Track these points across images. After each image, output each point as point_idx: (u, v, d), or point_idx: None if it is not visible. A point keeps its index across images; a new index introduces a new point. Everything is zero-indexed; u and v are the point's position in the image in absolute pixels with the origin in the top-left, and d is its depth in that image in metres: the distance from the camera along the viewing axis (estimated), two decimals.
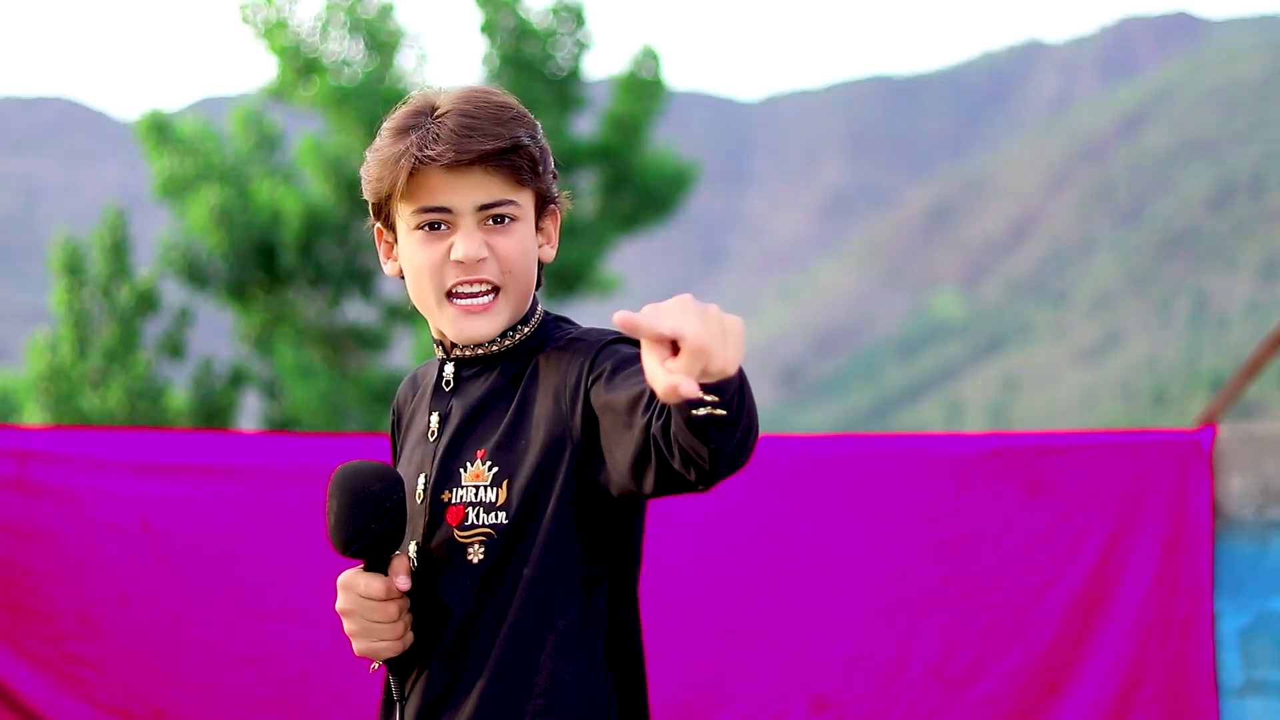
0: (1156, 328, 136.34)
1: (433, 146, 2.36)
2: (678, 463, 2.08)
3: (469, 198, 2.39)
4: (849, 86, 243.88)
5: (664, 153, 21.70)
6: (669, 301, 1.95)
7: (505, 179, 2.39)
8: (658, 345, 1.93)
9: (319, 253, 21.03)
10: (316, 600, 4.05)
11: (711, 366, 1.92)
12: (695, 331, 1.90)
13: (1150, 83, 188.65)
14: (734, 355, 1.94)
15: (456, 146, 2.35)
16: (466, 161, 2.36)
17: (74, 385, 20.76)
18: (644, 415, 2.14)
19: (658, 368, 1.92)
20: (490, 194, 2.39)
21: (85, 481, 4.07)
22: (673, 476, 2.12)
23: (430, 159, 2.36)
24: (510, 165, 2.39)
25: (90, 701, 4.01)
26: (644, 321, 1.91)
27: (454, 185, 2.38)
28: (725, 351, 1.93)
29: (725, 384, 1.98)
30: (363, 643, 2.39)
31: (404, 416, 2.61)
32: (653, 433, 2.11)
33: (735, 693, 4.02)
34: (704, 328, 1.91)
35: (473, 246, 2.38)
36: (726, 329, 1.94)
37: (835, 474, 4.08)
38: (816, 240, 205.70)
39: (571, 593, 2.34)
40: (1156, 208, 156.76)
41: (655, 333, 1.91)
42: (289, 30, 21.04)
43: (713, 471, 2.05)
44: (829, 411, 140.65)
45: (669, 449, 2.08)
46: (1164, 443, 4.05)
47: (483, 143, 2.36)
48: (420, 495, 2.43)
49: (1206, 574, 3.96)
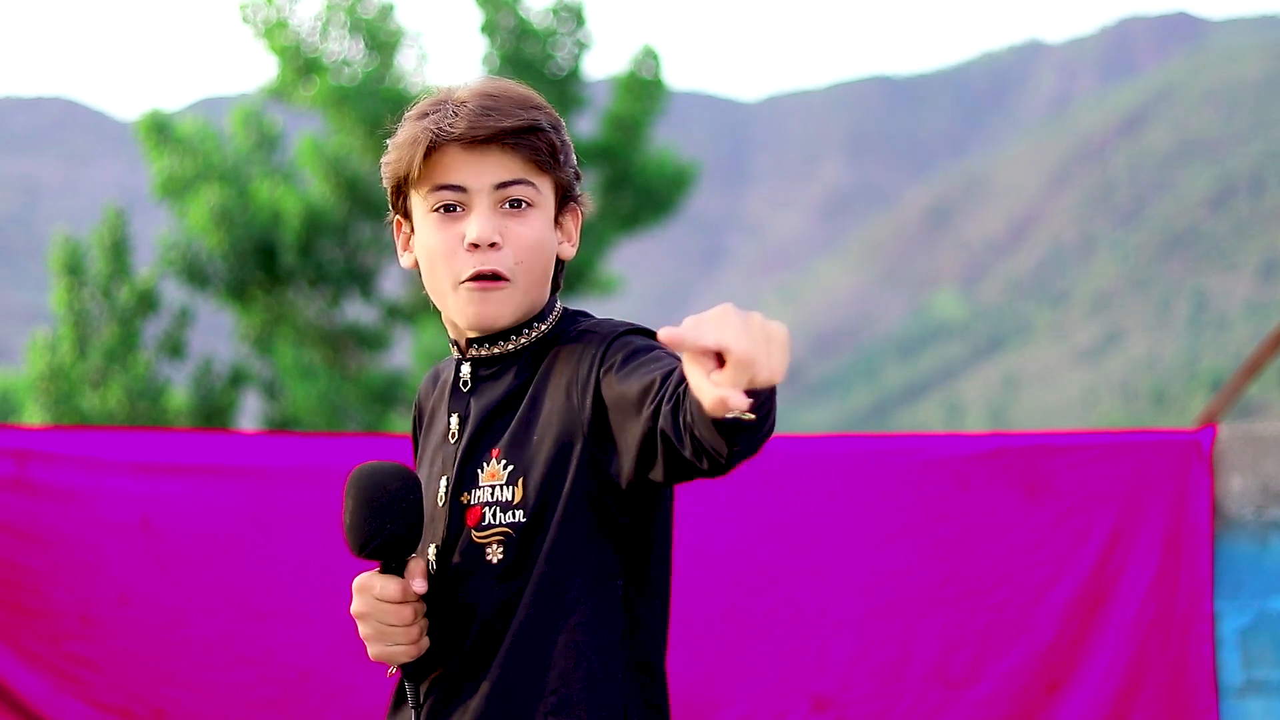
0: (1156, 328, 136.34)
1: (450, 123, 2.33)
2: (689, 452, 2.05)
3: (485, 176, 2.34)
4: (849, 86, 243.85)
5: (664, 153, 21.68)
6: (711, 312, 1.91)
7: (523, 160, 2.35)
8: (702, 358, 1.89)
9: (319, 253, 21.02)
10: (316, 600, 4.06)
11: (759, 378, 1.88)
12: (741, 343, 1.86)
13: (1150, 83, 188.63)
14: (779, 364, 1.90)
15: (474, 123, 2.32)
16: (484, 138, 2.32)
17: (74, 385, 20.74)
18: (651, 404, 2.11)
19: (704, 381, 1.88)
20: (508, 172, 2.35)
21: (85, 481, 4.07)
22: (683, 465, 2.09)
23: (447, 133, 2.32)
24: (529, 146, 2.34)
25: (90, 701, 4.01)
26: (688, 336, 1.88)
27: (470, 164, 2.34)
28: (770, 361, 1.89)
29: (763, 391, 1.95)
30: (378, 646, 2.34)
31: (425, 414, 2.56)
32: (660, 424, 2.09)
33: (735, 692, 4.02)
34: (748, 338, 1.87)
35: (487, 228, 2.33)
36: (771, 338, 1.89)
37: (835, 474, 4.08)
38: (816, 240, 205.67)
39: (586, 589, 2.29)
40: (1156, 208, 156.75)
41: (700, 346, 1.88)
42: (289, 30, 21.03)
43: (729, 465, 2.03)
44: (829, 411, 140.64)
45: (679, 439, 2.05)
46: (1164, 443, 4.05)
47: (501, 120, 2.32)
48: (442, 498, 2.39)
49: (1206, 574, 3.96)
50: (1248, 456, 4.02)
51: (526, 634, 2.29)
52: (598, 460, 2.27)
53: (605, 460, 2.26)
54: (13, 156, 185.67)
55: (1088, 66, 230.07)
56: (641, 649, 2.34)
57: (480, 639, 2.32)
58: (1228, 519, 4.01)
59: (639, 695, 2.33)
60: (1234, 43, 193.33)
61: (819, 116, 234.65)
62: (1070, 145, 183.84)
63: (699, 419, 2.00)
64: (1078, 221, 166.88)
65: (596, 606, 2.30)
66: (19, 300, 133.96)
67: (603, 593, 2.30)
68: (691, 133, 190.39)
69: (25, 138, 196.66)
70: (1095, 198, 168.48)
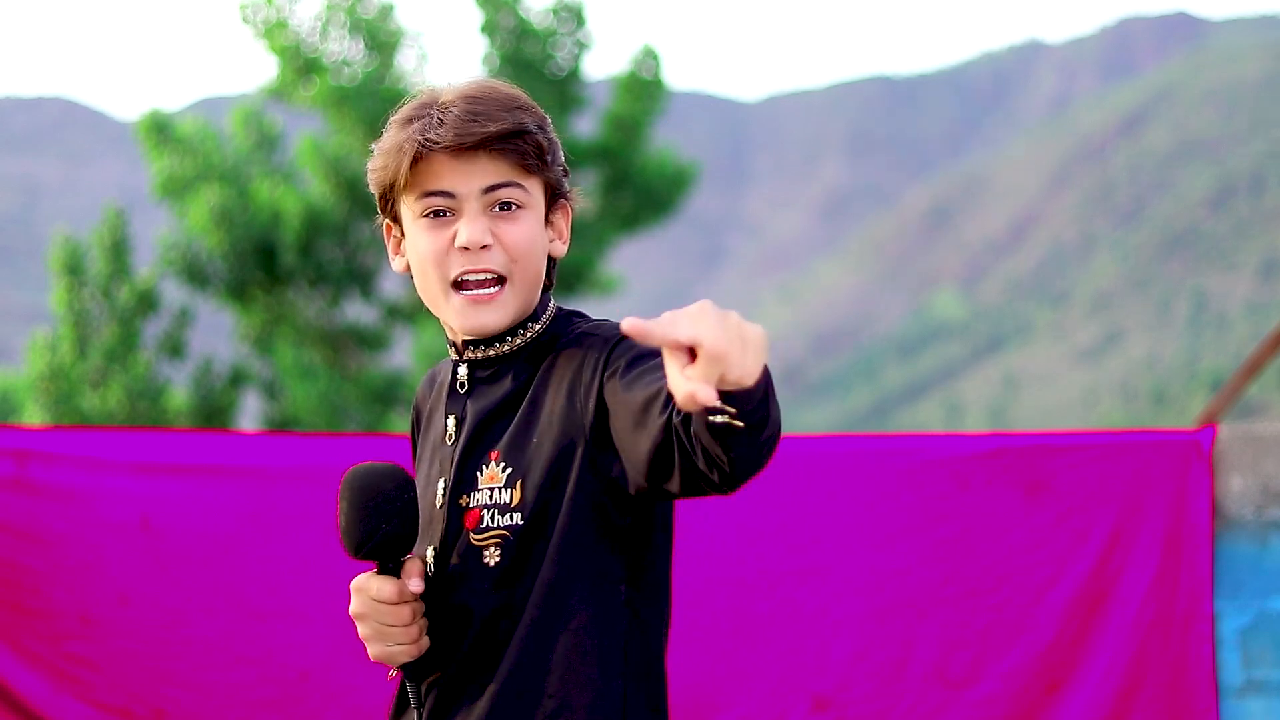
0: (1156, 328, 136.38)
1: (436, 131, 2.32)
2: (701, 462, 2.04)
3: (473, 181, 2.33)
4: (849, 86, 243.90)
5: (664, 153, 21.69)
6: (689, 307, 1.91)
7: (511, 164, 2.35)
8: (677, 352, 1.89)
9: (319, 253, 21.03)
10: (316, 600, 4.06)
11: (729, 375, 1.88)
12: (713, 338, 1.86)
13: (1150, 83, 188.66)
14: (752, 364, 1.90)
15: (460, 130, 2.31)
16: (471, 144, 2.32)
17: (74, 385, 20.75)
18: (662, 413, 2.10)
19: (677, 375, 1.88)
20: (496, 176, 2.34)
21: (85, 481, 4.07)
22: (698, 475, 2.07)
23: (433, 143, 2.31)
24: (516, 150, 2.34)
25: (90, 701, 4.01)
26: (657, 329, 1.88)
27: (458, 170, 2.33)
28: (744, 359, 1.89)
29: (747, 394, 1.94)
30: (377, 647, 2.34)
31: (423, 415, 2.56)
32: (674, 428, 2.07)
33: (736, 693, 4.02)
34: (722, 334, 1.86)
35: (477, 231, 2.33)
36: (746, 337, 1.89)
37: (835, 474, 4.08)
38: (816, 240, 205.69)
39: (587, 592, 2.28)
40: (1156, 208, 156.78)
41: (672, 339, 1.88)
42: (289, 30, 21.04)
43: (734, 474, 2.02)
44: (829, 411, 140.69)
45: (692, 447, 2.04)
46: (1164, 443, 4.05)
47: (487, 126, 2.32)
48: (440, 500, 2.38)
49: (1206, 574, 3.96)
50: (1248, 456, 4.02)
51: (527, 637, 2.28)
52: (599, 464, 2.26)
53: (607, 464, 2.25)
54: (13, 156, 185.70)
55: (1088, 66, 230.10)
56: (642, 652, 2.33)
57: (478, 641, 2.32)
58: (1228, 519, 4.01)
59: (639, 699, 2.32)
60: (1234, 43, 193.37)
61: (819, 116, 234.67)
62: (1070, 145, 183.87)
63: (696, 423, 2.00)
64: (1078, 221, 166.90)
65: (597, 610, 2.29)
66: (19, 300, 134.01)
67: (604, 596, 2.30)
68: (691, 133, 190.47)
69: (25, 138, 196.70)
70: (1095, 198, 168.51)
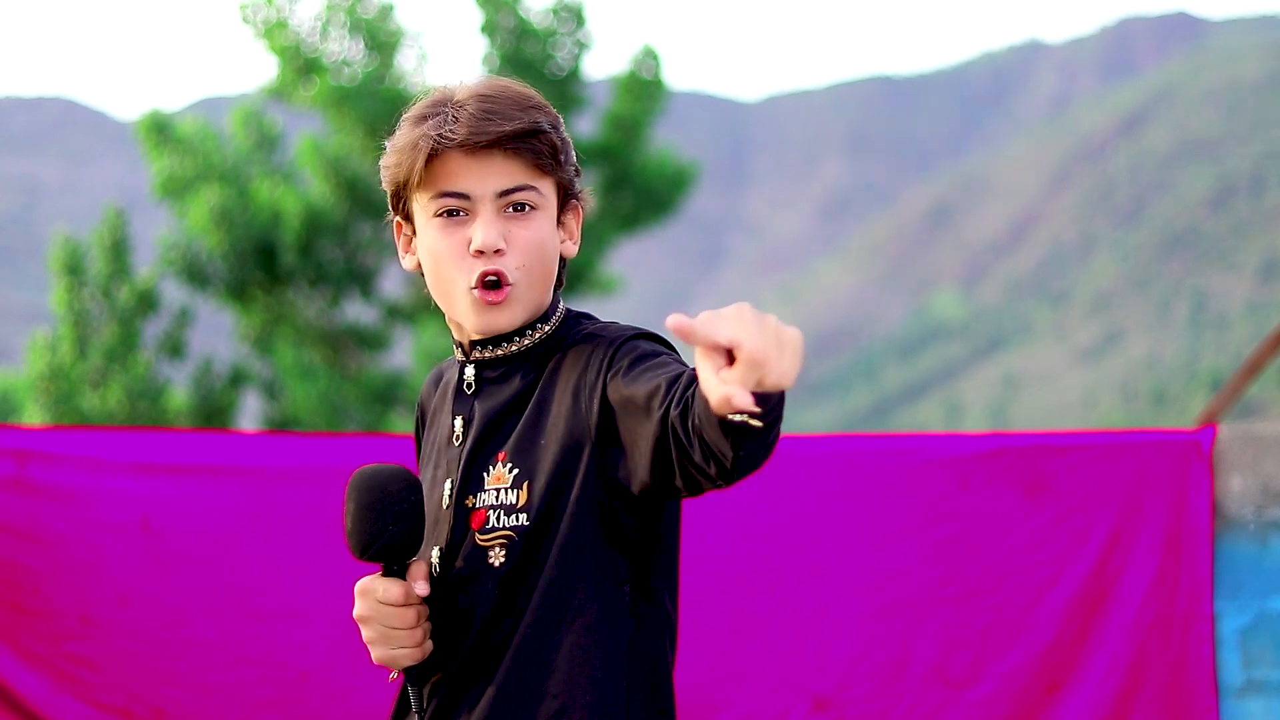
0: (1156, 328, 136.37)
1: (451, 129, 2.31)
2: (698, 455, 2.03)
3: (488, 183, 2.33)
4: (849, 86, 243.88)
5: (664, 153, 21.68)
6: (727, 309, 1.89)
7: (525, 164, 2.34)
8: (713, 353, 1.88)
9: (319, 253, 21.02)
10: (317, 600, 4.06)
11: (768, 379, 1.86)
12: (753, 342, 1.84)
13: (1150, 83, 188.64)
14: (790, 368, 1.88)
15: (475, 128, 2.30)
16: (485, 143, 2.30)
17: (74, 385, 20.74)
18: (661, 407, 2.10)
19: (712, 377, 1.87)
20: (510, 178, 2.33)
21: (85, 481, 4.07)
22: (694, 469, 2.07)
23: (448, 141, 2.30)
24: (530, 149, 2.33)
25: (90, 701, 4.01)
26: (701, 329, 1.86)
27: (473, 170, 2.32)
28: (782, 363, 1.87)
29: (772, 395, 1.93)
30: (381, 650, 2.33)
31: (427, 415, 2.55)
32: (670, 426, 2.07)
33: (736, 693, 4.02)
34: (762, 338, 1.85)
35: (492, 235, 2.32)
36: (784, 340, 1.88)
37: (835, 474, 4.07)
38: (816, 240, 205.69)
39: (591, 593, 2.27)
40: (1156, 208, 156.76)
41: (712, 341, 1.86)
42: (289, 30, 21.03)
43: (734, 470, 2.01)
44: (829, 411, 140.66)
45: (689, 441, 2.04)
46: (1164, 443, 4.05)
47: (502, 125, 2.30)
48: (446, 501, 2.38)
49: (1206, 574, 3.96)
50: (1248, 456, 4.02)
51: (531, 638, 2.28)
52: (605, 465, 2.26)
53: (612, 465, 2.25)
54: (13, 156, 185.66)
55: (1088, 66, 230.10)
56: (648, 654, 2.32)
57: (482, 642, 2.31)
58: (1228, 519, 4.01)
59: (643, 701, 2.31)
60: (1234, 43, 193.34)
61: (819, 116, 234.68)
62: (1070, 145, 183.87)
63: (706, 419, 1.99)
64: (1078, 221, 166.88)
65: (603, 611, 2.28)
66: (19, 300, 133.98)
67: (608, 597, 2.29)
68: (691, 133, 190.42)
69: (25, 138, 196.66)
70: (1095, 198, 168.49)
